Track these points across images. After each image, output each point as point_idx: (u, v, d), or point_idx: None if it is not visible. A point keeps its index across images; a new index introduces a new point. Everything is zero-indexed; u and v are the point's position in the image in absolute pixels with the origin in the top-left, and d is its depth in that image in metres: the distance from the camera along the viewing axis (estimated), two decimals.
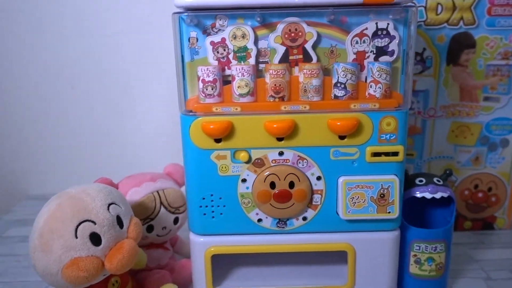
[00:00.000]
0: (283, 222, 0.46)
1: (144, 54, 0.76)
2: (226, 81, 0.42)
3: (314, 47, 0.41)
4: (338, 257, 0.48)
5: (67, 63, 0.77)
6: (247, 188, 0.44)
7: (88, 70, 0.77)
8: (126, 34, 0.75)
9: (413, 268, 0.50)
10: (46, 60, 0.77)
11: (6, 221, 0.73)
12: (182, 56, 0.42)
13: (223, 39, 0.41)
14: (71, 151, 0.82)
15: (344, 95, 0.42)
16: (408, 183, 0.50)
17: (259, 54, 0.42)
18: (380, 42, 0.42)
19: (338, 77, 0.41)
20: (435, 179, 0.50)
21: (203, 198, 0.45)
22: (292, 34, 0.41)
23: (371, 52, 0.42)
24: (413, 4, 0.42)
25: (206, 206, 0.45)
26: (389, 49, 0.42)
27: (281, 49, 0.42)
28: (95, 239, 0.41)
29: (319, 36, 0.41)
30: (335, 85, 0.42)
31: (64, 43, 0.76)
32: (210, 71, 0.41)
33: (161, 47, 0.74)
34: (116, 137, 0.80)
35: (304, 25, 0.41)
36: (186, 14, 0.40)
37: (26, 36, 0.76)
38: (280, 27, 0.41)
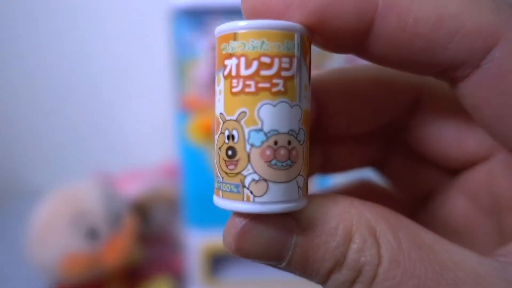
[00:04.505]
0: None
1: (140, 53, 0.76)
2: None
3: None
4: None
5: (61, 59, 0.77)
6: None
7: (83, 67, 0.77)
8: (122, 32, 0.75)
9: None
10: (39, 56, 0.77)
11: None
12: (178, 56, 0.42)
13: None
14: (66, 147, 0.82)
15: None
16: None
17: None
18: None
19: None
20: None
21: (198, 194, 0.45)
22: None
23: None
24: None
25: (202, 202, 0.46)
26: None
27: None
28: (91, 234, 0.41)
29: None
30: None
31: (59, 39, 0.76)
32: (205, 70, 0.41)
33: (157, 45, 0.74)
34: (111, 134, 0.81)
35: None
36: (181, 14, 0.41)
37: (21, 32, 0.76)
38: None
